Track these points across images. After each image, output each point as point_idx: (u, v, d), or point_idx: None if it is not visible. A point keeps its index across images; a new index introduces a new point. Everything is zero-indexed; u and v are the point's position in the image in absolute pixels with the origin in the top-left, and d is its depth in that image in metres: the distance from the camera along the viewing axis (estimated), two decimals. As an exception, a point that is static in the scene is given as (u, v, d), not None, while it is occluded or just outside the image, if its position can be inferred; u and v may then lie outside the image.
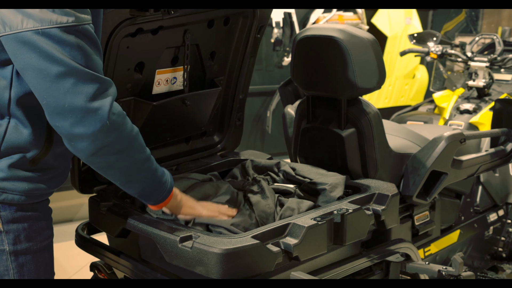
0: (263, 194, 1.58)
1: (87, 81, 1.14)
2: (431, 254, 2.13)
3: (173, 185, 1.39)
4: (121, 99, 1.59)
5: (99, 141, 1.18)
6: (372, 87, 1.76)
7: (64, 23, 1.12)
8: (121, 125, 1.21)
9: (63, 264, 2.95)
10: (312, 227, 1.37)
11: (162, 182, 1.35)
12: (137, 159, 1.28)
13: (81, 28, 1.15)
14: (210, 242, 1.26)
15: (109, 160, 1.23)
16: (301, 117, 1.95)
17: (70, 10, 1.13)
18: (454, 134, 1.94)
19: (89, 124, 1.15)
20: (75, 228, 1.64)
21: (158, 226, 1.35)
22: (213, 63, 1.84)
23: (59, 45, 1.11)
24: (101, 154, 1.20)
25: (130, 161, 1.26)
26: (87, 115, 1.15)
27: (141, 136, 1.30)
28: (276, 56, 4.74)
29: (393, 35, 4.95)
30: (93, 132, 1.16)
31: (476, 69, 2.99)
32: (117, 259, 1.49)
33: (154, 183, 1.34)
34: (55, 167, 1.34)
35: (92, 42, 1.18)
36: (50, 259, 1.37)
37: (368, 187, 1.68)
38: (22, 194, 1.27)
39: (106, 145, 1.19)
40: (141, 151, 1.28)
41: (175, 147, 1.86)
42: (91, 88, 1.15)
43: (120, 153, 1.23)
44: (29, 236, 1.30)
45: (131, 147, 1.25)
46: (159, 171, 1.35)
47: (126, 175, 1.29)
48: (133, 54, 1.58)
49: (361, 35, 1.73)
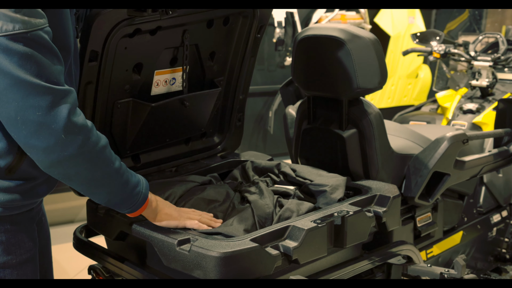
0: (262, 195, 1.56)
1: (39, 94, 1.08)
2: (434, 256, 2.11)
3: (148, 194, 1.33)
4: (119, 101, 1.58)
5: (54, 155, 1.12)
6: (374, 87, 1.75)
7: (10, 31, 1.05)
8: (81, 138, 1.14)
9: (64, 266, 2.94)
10: (312, 230, 1.35)
11: (133, 194, 1.28)
12: (101, 173, 1.20)
13: (31, 35, 1.07)
14: (208, 246, 1.24)
15: (68, 172, 1.16)
16: (302, 117, 1.93)
17: (17, 15, 1.06)
18: (456, 134, 1.92)
19: (43, 138, 1.10)
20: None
21: (156, 229, 1.34)
22: (213, 63, 1.83)
23: (6, 55, 1.05)
24: (58, 167, 1.14)
25: (92, 175, 1.19)
26: (40, 129, 1.09)
27: (110, 149, 1.23)
28: (278, 56, 4.73)
29: (396, 35, 4.92)
30: (47, 146, 1.11)
31: (479, 68, 2.96)
32: (115, 262, 1.47)
33: (123, 195, 1.27)
34: (34, 176, 1.26)
35: (46, 48, 1.10)
36: (34, 271, 1.31)
37: (369, 189, 1.66)
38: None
39: (63, 159, 1.13)
40: (107, 165, 1.21)
41: (174, 148, 1.84)
42: (43, 101, 1.08)
43: (81, 166, 1.16)
44: (7, 249, 1.24)
45: (95, 161, 1.18)
46: (131, 183, 1.27)
47: (88, 187, 1.23)
48: (131, 55, 1.56)
49: (363, 34, 1.71)
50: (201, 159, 1.92)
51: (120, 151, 1.66)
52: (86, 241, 1.56)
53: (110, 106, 1.57)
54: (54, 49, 1.12)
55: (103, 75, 1.48)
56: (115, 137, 1.62)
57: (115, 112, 1.58)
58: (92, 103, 1.50)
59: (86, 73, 1.44)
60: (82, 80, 1.44)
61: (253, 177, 1.77)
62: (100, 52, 1.44)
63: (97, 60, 1.44)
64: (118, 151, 1.66)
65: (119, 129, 1.61)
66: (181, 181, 1.63)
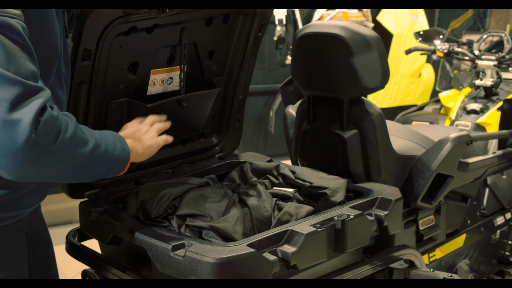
0: (260, 197, 1.52)
1: (5, 85, 0.95)
2: (436, 259, 2.07)
3: (128, 146, 1.26)
4: (114, 101, 1.54)
5: (22, 158, 0.97)
6: (375, 87, 1.70)
7: None
8: (53, 134, 1.01)
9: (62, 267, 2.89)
10: (311, 234, 1.31)
11: (118, 157, 1.21)
12: (81, 157, 1.10)
13: (1, 20, 0.96)
14: (204, 251, 1.20)
15: (44, 172, 1.04)
16: (301, 118, 1.89)
17: None
18: (460, 135, 1.87)
19: (7, 140, 0.95)
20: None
21: (150, 234, 1.29)
22: (212, 62, 1.79)
23: None
24: (31, 170, 1.01)
25: (74, 163, 1.08)
26: (3, 128, 0.95)
27: (79, 127, 1.11)
28: (279, 55, 4.69)
29: (399, 33, 4.87)
30: (12, 150, 0.96)
31: (483, 68, 2.92)
32: (108, 267, 1.43)
33: (109, 163, 1.19)
34: (18, 185, 1.15)
35: (18, 40, 0.99)
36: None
37: (370, 191, 1.62)
38: None
39: (35, 161, 1.00)
40: (84, 145, 1.10)
41: (171, 149, 1.81)
42: (9, 94, 0.95)
43: (58, 162, 1.05)
44: None
45: (71, 151, 1.07)
46: (110, 148, 1.18)
47: (72, 176, 1.13)
48: (126, 54, 1.52)
49: (364, 32, 1.67)
50: (198, 160, 1.89)
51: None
52: (79, 246, 1.52)
53: (104, 107, 1.53)
54: (29, 47, 1.02)
55: (97, 74, 1.44)
56: (109, 138, 1.58)
57: (110, 112, 1.54)
58: (85, 104, 1.46)
59: (78, 73, 1.40)
60: (75, 79, 1.40)
61: (252, 179, 1.73)
62: (93, 50, 1.40)
63: (91, 59, 1.40)
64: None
65: (113, 130, 1.56)
66: (177, 183, 1.59)
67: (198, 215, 1.42)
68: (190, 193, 1.51)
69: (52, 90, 1.20)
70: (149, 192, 1.48)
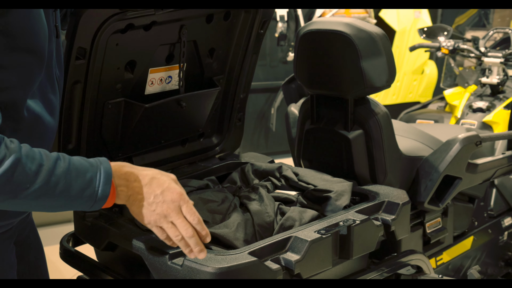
0: (262, 202, 1.47)
1: None
2: (443, 263, 2.01)
3: (108, 190, 1.02)
4: (110, 101, 1.48)
5: None
6: (382, 86, 1.65)
7: None
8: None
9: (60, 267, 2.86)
10: (315, 241, 1.25)
11: (83, 196, 1.00)
12: (21, 198, 0.94)
13: None
14: (203, 260, 1.14)
15: None
16: (304, 117, 1.84)
17: None
18: (469, 136, 1.82)
19: None
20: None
21: (146, 240, 1.24)
22: (212, 60, 1.73)
23: None
24: None
25: (15, 203, 0.94)
26: None
27: (22, 166, 0.94)
28: (281, 51, 4.64)
29: (402, 30, 4.81)
30: None
31: (490, 65, 2.86)
32: (104, 275, 1.38)
33: (70, 204, 0.99)
34: None
35: None
36: None
37: (376, 194, 1.56)
38: None
39: None
40: (21, 188, 0.94)
41: (170, 150, 1.75)
42: None
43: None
44: None
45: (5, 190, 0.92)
46: (74, 190, 0.98)
47: (28, 208, 0.98)
48: (123, 52, 1.46)
49: (370, 29, 1.61)
50: (198, 161, 1.83)
51: (111, 154, 1.57)
52: (73, 252, 1.46)
53: (100, 107, 1.47)
54: None
55: (92, 74, 1.38)
56: (105, 139, 1.52)
57: (106, 113, 1.48)
58: (80, 104, 1.40)
59: (73, 72, 1.33)
60: (69, 79, 1.34)
61: (253, 181, 1.68)
62: (88, 49, 1.34)
63: (85, 58, 1.34)
64: (109, 154, 1.56)
65: (109, 131, 1.52)
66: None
67: None
68: (189, 196, 1.45)
69: (44, 96, 1.14)
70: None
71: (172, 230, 1.07)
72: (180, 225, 1.06)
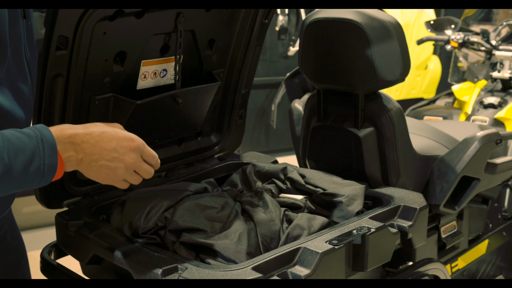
0: (266, 208, 1.33)
1: None
2: (459, 269, 1.89)
3: (56, 161, 0.93)
4: (97, 96, 1.35)
5: None
6: (395, 80, 1.53)
7: None
8: None
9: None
10: (327, 253, 1.12)
11: (29, 173, 0.89)
12: None
13: None
14: (200, 277, 1.01)
15: None
16: (310, 114, 1.71)
17: None
18: (489, 134, 1.69)
19: None
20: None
21: (136, 254, 1.10)
22: (212, 52, 1.60)
23: None
24: None
25: None
26: None
27: None
28: (281, 46, 4.56)
29: (405, 23, 4.70)
30: None
31: (501, 59, 2.74)
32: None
33: (16, 182, 0.89)
34: None
35: None
36: None
37: (391, 198, 1.43)
38: None
39: None
40: None
41: (165, 150, 1.62)
42: None
43: None
44: None
45: None
46: (16, 166, 0.88)
47: None
48: (111, 42, 1.33)
49: (382, 17, 1.49)
50: (195, 162, 1.71)
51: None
52: (55, 265, 1.32)
53: (85, 103, 1.33)
54: None
55: (76, 66, 1.25)
56: (93, 138, 1.39)
57: (92, 109, 1.35)
58: (62, 100, 1.27)
59: (53, 64, 1.19)
60: (48, 72, 1.20)
61: (255, 183, 1.54)
62: (71, 38, 1.20)
63: (68, 48, 1.21)
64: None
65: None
66: (170, 189, 1.39)
67: (194, 230, 1.22)
68: (185, 202, 1.32)
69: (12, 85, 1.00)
70: (137, 202, 1.29)
71: (136, 177, 1.06)
72: (144, 172, 1.06)
